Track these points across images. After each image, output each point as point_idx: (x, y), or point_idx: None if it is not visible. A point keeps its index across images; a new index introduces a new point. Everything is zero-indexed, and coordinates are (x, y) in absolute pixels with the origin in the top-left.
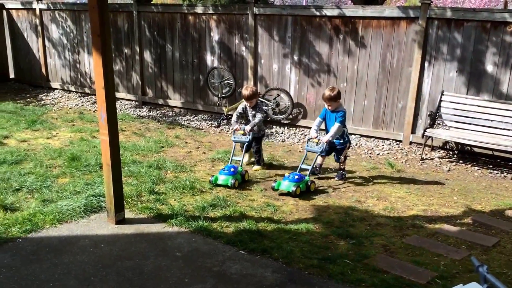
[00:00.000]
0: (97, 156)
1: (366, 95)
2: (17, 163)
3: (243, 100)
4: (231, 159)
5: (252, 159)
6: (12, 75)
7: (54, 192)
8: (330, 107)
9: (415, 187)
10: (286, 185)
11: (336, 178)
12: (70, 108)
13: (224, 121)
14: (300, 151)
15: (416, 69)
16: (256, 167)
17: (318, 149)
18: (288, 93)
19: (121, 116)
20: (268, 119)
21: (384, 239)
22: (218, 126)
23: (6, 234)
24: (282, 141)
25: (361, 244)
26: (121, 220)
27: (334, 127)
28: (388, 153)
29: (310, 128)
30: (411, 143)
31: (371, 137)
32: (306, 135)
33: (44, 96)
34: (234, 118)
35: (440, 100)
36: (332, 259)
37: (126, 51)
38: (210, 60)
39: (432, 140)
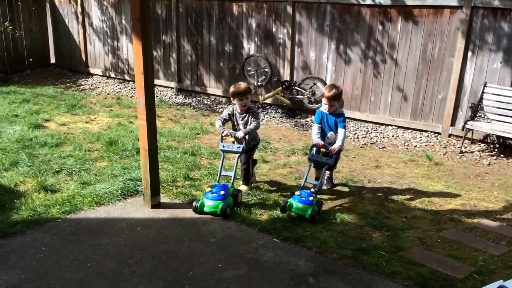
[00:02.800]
0: (134, 141)
1: (404, 85)
2: (57, 146)
3: (279, 88)
4: (219, 175)
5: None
6: (52, 60)
7: (93, 175)
8: (331, 108)
9: (453, 181)
10: (300, 207)
11: (325, 186)
12: (108, 94)
13: (260, 109)
14: None
15: (458, 60)
16: (243, 187)
17: (327, 160)
18: (324, 82)
19: (158, 102)
20: (304, 108)
21: (421, 232)
22: None
23: (47, 215)
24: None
25: (397, 236)
26: (156, 205)
27: (341, 134)
28: (426, 145)
29: (346, 118)
30: (450, 135)
31: (408, 128)
32: None
33: (83, 81)
34: (218, 123)
35: (483, 92)
36: (367, 250)
37: (163, 38)
38: (247, 48)
39: (472, 133)
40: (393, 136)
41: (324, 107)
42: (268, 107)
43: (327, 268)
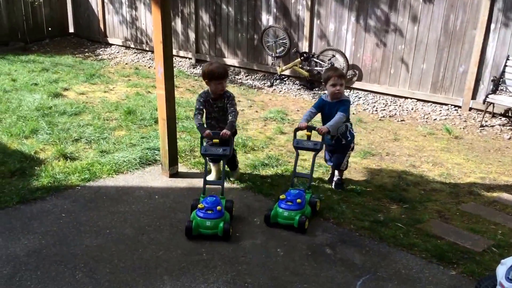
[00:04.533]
0: (152, 111)
1: (425, 58)
2: (76, 115)
3: (298, 59)
4: (205, 182)
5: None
6: (71, 30)
7: (111, 144)
8: (340, 89)
9: (473, 154)
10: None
11: (332, 186)
12: (126, 64)
13: (277, 81)
14: (353, 113)
15: (481, 32)
16: (234, 174)
17: (314, 145)
18: (343, 54)
19: (176, 73)
20: (322, 81)
21: (439, 205)
22: (271, 86)
23: (66, 182)
24: None
25: (415, 209)
26: (174, 174)
27: (337, 117)
28: (445, 119)
29: (365, 91)
30: (470, 109)
31: (428, 101)
32: (360, 97)
33: (101, 51)
34: (197, 119)
35: (505, 65)
36: (384, 222)
37: (182, 8)
38: (266, 19)
39: (493, 106)
40: (412, 109)
41: (331, 90)
42: (286, 79)
43: (344, 239)
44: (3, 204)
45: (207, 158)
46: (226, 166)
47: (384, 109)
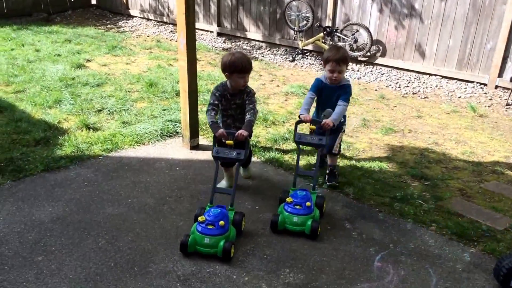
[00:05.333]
0: (173, 84)
1: (452, 34)
2: (99, 86)
3: (320, 34)
4: (213, 189)
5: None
6: (93, 1)
7: (133, 115)
8: (338, 77)
9: (497, 133)
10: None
11: (326, 183)
12: (148, 36)
13: (299, 55)
14: (376, 90)
15: (510, 7)
16: (245, 171)
17: (319, 141)
18: (367, 29)
19: (197, 46)
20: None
21: (461, 183)
22: (293, 61)
23: (89, 152)
24: (358, 79)
25: (436, 186)
26: (195, 146)
27: (340, 108)
28: (470, 97)
29: (388, 67)
30: (496, 87)
31: (453, 79)
32: (383, 73)
33: (123, 23)
34: (210, 116)
35: None
36: (405, 198)
37: None
38: None
39: None
40: (436, 86)
41: (328, 75)
42: (308, 53)
43: (364, 215)
44: (28, 172)
45: (219, 161)
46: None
47: (407, 86)
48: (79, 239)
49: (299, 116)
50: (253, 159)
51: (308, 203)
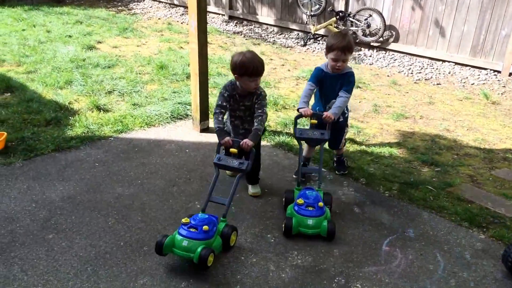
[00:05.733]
0: (184, 66)
1: (466, 19)
2: (109, 67)
3: (333, 18)
4: (208, 198)
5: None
6: None
7: (143, 97)
8: (341, 65)
9: (510, 120)
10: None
11: (336, 172)
12: (159, 19)
13: (311, 40)
14: (388, 75)
15: None
16: (254, 188)
17: (322, 135)
18: (380, 14)
19: (208, 29)
20: (357, 41)
21: (472, 170)
22: (305, 45)
23: (99, 132)
24: (370, 64)
25: (446, 173)
26: (205, 129)
27: (341, 99)
28: (483, 84)
29: (401, 53)
30: (510, 74)
31: (466, 65)
32: (396, 59)
33: (134, 5)
34: (216, 118)
35: None
36: (414, 184)
37: None
38: None
39: None
40: (449, 73)
41: (331, 64)
42: (320, 38)
43: (373, 199)
44: (39, 151)
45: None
46: (245, 179)
47: (420, 72)
48: (89, 218)
49: (298, 110)
50: (262, 143)
51: (320, 204)
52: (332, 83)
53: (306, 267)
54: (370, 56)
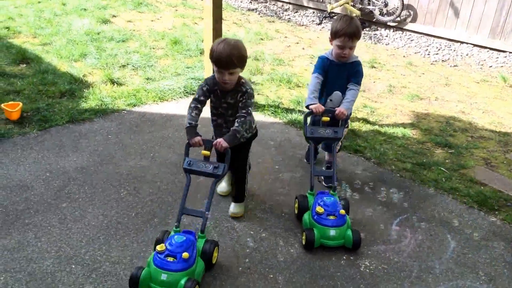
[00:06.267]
0: (198, 42)
1: (487, 0)
2: (124, 41)
3: None
4: (181, 210)
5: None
6: None
7: (157, 72)
8: (348, 53)
9: None
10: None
11: (324, 183)
12: None
13: (327, 18)
14: (404, 56)
15: None
16: (236, 208)
17: (335, 134)
18: None
19: (223, 5)
20: (374, 20)
21: (486, 153)
22: (320, 23)
23: (113, 105)
24: (386, 45)
25: (460, 155)
26: None
27: (353, 93)
28: (502, 66)
29: (418, 33)
30: None
31: (485, 47)
32: (413, 40)
33: None
34: (191, 112)
35: None
36: (427, 165)
37: None
38: None
39: None
40: (467, 55)
41: (336, 52)
42: (335, 17)
43: (384, 179)
44: (53, 123)
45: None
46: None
47: (437, 53)
48: (102, 188)
49: (307, 107)
50: (275, 120)
51: (342, 211)
52: (336, 73)
53: None
54: (387, 36)
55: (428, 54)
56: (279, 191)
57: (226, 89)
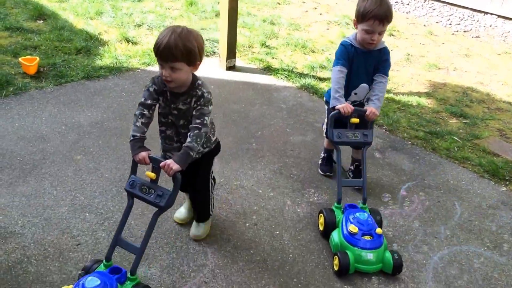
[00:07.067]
0: (213, 4)
1: None
2: (139, 1)
3: None
4: (114, 241)
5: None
6: None
7: None
8: (377, 39)
9: None
10: None
11: (350, 173)
12: None
13: None
14: (424, 25)
15: None
16: (197, 229)
17: (365, 138)
18: None
19: None
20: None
21: (501, 124)
22: None
23: (127, 64)
24: (407, 13)
25: (475, 125)
26: (231, 67)
27: (382, 86)
28: None
29: (441, 2)
30: None
31: (510, 19)
32: (435, 8)
33: None
34: (136, 121)
35: None
36: (440, 134)
37: None
38: None
39: None
40: (490, 26)
41: (363, 37)
42: None
43: (395, 146)
44: (69, 78)
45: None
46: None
47: (459, 23)
48: (116, 143)
49: (333, 108)
50: (288, 84)
51: (378, 230)
52: (361, 63)
53: (322, 204)
54: (408, 4)
55: (450, 24)
56: (288, 153)
57: (178, 92)
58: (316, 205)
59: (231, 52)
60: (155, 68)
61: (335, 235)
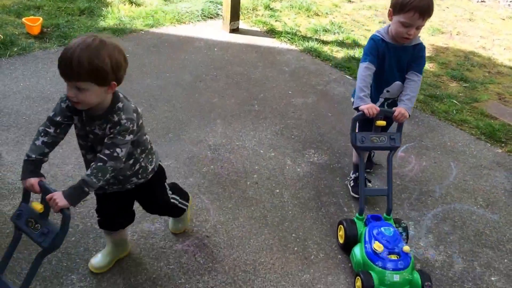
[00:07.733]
0: None
1: None
2: None
3: None
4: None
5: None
6: None
7: None
8: (414, 34)
9: None
10: None
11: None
12: None
13: None
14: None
15: None
16: (174, 224)
17: (391, 142)
18: None
19: None
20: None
21: (501, 88)
22: None
23: (131, 25)
24: None
25: (474, 89)
26: (235, 29)
27: (415, 86)
28: None
29: None
30: None
31: None
32: None
33: None
34: (34, 142)
35: None
36: (440, 97)
37: None
38: None
39: None
40: None
41: (398, 30)
42: None
43: None
44: (72, 39)
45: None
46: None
47: None
48: None
49: (357, 109)
50: (291, 47)
51: (406, 248)
52: (394, 59)
53: (322, 164)
54: None
55: None
56: (290, 115)
57: (94, 115)
58: (316, 165)
59: (235, 14)
60: (159, 30)
61: (357, 252)
